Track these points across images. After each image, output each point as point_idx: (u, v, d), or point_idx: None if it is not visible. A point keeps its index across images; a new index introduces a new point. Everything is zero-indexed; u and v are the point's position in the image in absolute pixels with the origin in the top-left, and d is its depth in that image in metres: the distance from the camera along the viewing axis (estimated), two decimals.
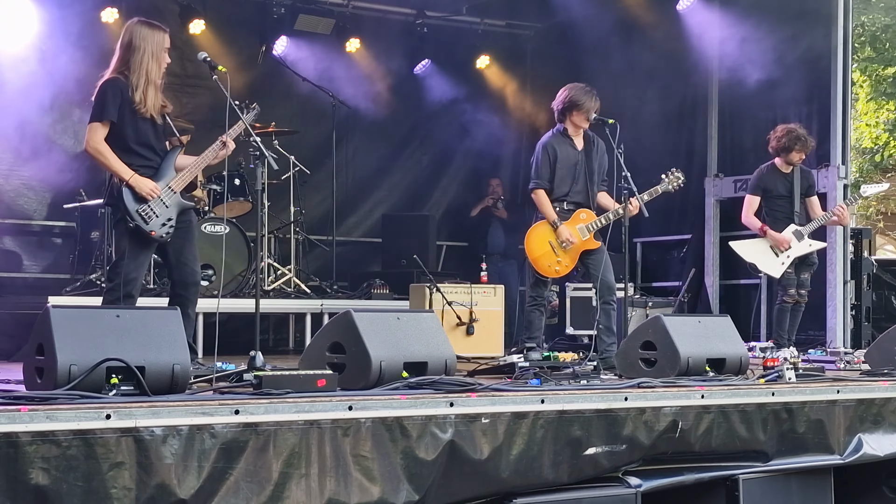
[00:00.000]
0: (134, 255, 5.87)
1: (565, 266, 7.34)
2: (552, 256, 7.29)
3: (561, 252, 7.27)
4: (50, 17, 9.93)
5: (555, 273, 7.38)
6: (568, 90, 7.39)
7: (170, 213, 5.91)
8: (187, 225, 6.04)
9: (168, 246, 5.99)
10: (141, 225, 5.81)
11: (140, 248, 5.90)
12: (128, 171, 5.83)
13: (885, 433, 6.02)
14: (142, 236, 5.85)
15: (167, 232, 5.89)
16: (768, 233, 8.58)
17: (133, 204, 5.81)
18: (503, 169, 12.34)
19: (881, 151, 19.93)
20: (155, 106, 5.91)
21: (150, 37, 5.91)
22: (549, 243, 7.29)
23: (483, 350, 8.53)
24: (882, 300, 10.96)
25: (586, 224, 7.30)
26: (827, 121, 9.96)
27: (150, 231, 5.82)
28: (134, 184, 5.81)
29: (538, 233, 7.35)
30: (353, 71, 11.40)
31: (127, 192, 5.82)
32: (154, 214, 5.85)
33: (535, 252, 7.33)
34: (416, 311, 7.30)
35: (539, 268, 7.34)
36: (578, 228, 7.30)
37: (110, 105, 5.81)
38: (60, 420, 3.75)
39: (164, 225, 5.88)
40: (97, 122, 5.85)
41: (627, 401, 5.14)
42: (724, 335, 6.20)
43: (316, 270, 10.80)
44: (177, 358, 4.46)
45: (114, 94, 5.83)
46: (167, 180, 5.94)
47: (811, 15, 10.00)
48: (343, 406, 4.36)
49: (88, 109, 5.98)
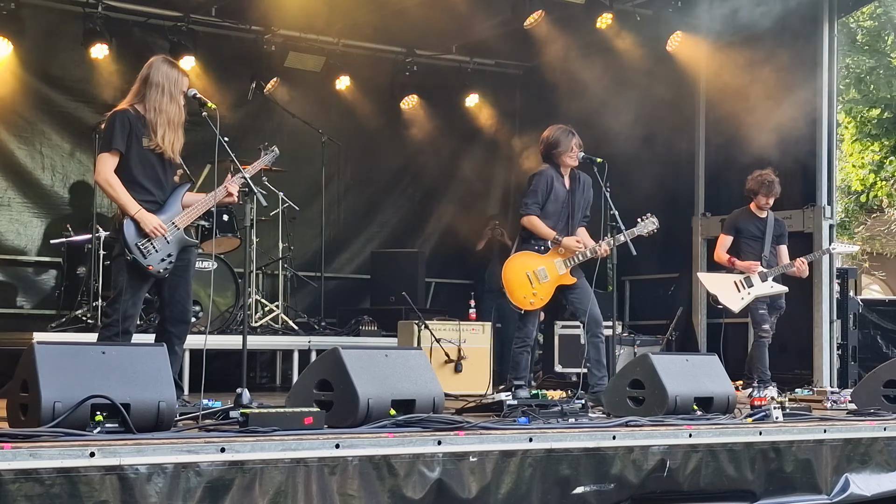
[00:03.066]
0: (132, 291, 5.83)
1: (540, 299, 7.33)
2: (528, 288, 7.30)
3: (538, 284, 7.28)
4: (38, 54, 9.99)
5: (529, 305, 7.36)
6: (549, 132, 7.44)
7: (170, 250, 5.87)
8: (186, 263, 6.00)
9: (164, 282, 5.95)
10: (139, 259, 5.76)
11: (139, 284, 5.86)
12: (135, 205, 5.79)
13: (873, 473, 6.01)
14: (139, 271, 5.80)
15: (165, 268, 5.84)
16: (736, 263, 8.79)
17: (134, 238, 5.77)
18: (491, 206, 12.37)
19: (867, 193, 20.07)
20: (174, 147, 5.89)
21: (169, 75, 5.90)
22: (527, 274, 7.29)
23: (471, 387, 8.50)
24: (868, 339, 10.99)
25: (564, 259, 7.32)
26: (813, 162, 10.03)
27: (148, 265, 5.77)
28: (140, 218, 5.78)
29: (516, 263, 7.37)
30: (342, 108, 11.45)
31: (129, 225, 5.78)
32: (154, 249, 5.81)
33: (512, 283, 7.33)
34: (404, 349, 7.30)
35: (515, 299, 7.34)
36: (556, 262, 7.32)
37: (118, 135, 5.80)
38: (44, 458, 3.71)
39: (164, 261, 5.84)
40: (106, 153, 5.84)
41: (616, 439, 5.12)
42: (711, 374, 6.20)
43: (305, 307, 10.79)
44: (162, 395, 4.43)
45: (122, 125, 5.82)
46: (171, 216, 5.91)
47: (797, 57, 10.10)
48: (330, 444, 4.34)
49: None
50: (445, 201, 12.35)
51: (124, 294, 5.80)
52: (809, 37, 10.10)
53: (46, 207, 10.21)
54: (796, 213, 9.94)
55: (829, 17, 10.12)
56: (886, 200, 20.68)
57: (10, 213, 10.03)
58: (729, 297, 8.77)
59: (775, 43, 10.14)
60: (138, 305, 5.96)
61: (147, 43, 10.35)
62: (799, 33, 10.11)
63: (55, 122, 10.26)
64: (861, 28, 19.71)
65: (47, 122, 10.23)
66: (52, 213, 10.20)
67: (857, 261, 20.81)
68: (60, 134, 10.27)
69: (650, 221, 7.50)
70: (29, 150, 10.15)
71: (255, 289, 9.68)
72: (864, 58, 19.50)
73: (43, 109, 10.19)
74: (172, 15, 10.49)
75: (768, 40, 10.10)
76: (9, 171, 10.06)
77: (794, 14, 9.96)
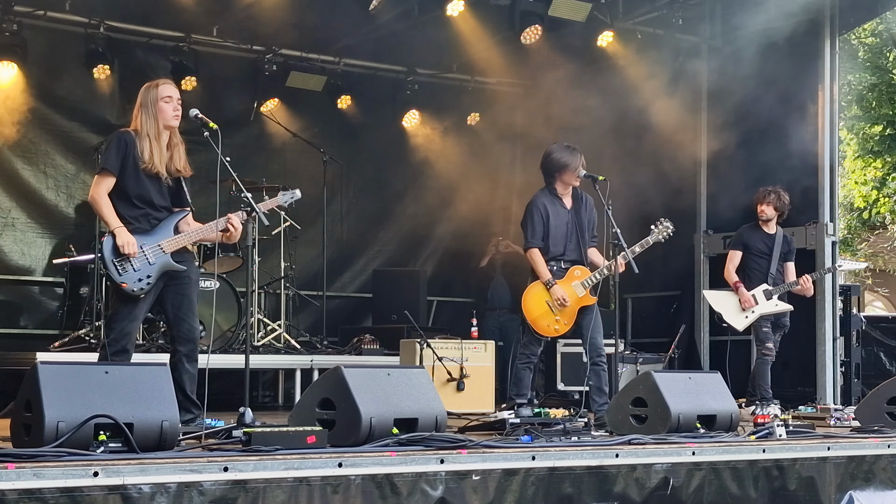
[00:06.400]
0: (127, 311, 5.85)
1: (564, 324, 7.31)
2: (551, 316, 7.27)
3: (559, 311, 7.25)
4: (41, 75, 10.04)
5: (554, 332, 7.36)
6: (550, 152, 7.42)
7: (150, 271, 5.85)
8: (186, 281, 6.01)
9: (166, 302, 5.97)
10: (113, 275, 5.78)
11: (132, 304, 5.87)
12: (116, 221, 5.84)
13: (876, 490, 5.99)
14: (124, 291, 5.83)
15: (140, 288, 5.82)
16: (739, 289, 8.76)
17: (110, 254, 5.81)
18: (493, 224, 12.38)
19: (869, 209, 20.07)
20: (161, 162, 5.90)
21: (146, 94, 5.97)
22: (547, 303, 7.27)
23: (474, 406, 8.49)
24: (871, 357, 10.98)
25: (581, 281, 7.30)
26: (815, 179, 10.04)
27: (122, 283, 5.78)
28: (116, 234, 5.82)
29: (534, 293, 7.33)
30: (344, 127, 11.48)
31: (108, 241, 5.84)
32: (132, 269, 5.80)
33: (534, 313, 7.30)
34: (406, 367, 7.30)
35: (539, 328, 7.32)
36: (574, 285, 7.30)
37: (112, 157, 5.87)
38: (47, 478, 3.71)
39: (140, 280, 5.82)
40: (98, 173, 5.94)
41: (618, 457, 5.11)
42: (714, 391, 6.19)
43: (307, 326, 10.79)
44: (165, 414, 4.43)
45: (118, 146, 5.88)
46: (160, 239, 5.93)
47: (799, 74, 10.12)
48: (333, 463, 4.34)
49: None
50: (447, 220, 12.35)
51: (119, 313, 5.86)
52: (811, 54, 10.13)
53: (51, 227, 10.23)
54: (799, 229, 9.94)
55: (831, 33, 10.16)
56: (889, 217, 20.68)
57: (14, 233, 10.05)
58: (733, 315, 8.77)
59: (777, 59, 10.17)
60: (135, 324, 5.98)
61: (149, 63, 10.40)
62: (801, 50, 10.14)
63: (59, 142, 10.29)
64: (863, 45, 19.75)
65: (51, 143, 10.26)
66: (56, 233, 10.22)
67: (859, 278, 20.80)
68: (64, 154, 10.30)
69: (664, 227, 7.49)
70: (33, 171, 10.18)
71: (257, 308, 9.68)
72: (865, 74, 19.54)
73: (47, 130, 10.23)
74: (174, 35, 10.53)
75: (770, 57, 10.13)
76: (14, 192, 10.09)
77: (796, 31, 10.00)
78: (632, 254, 7.14)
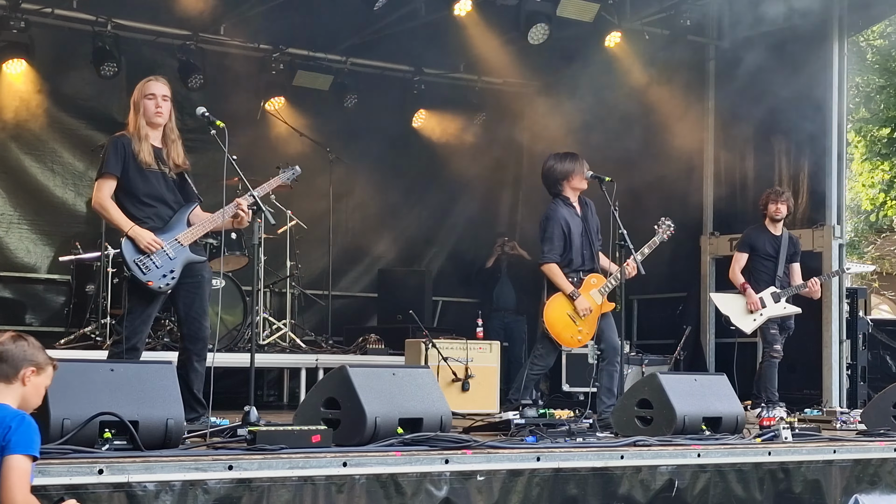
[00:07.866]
0: (140, 309, 5.85)
1: (586, 334, 7.27)
2: (573, 327, 7.24)
3: (580, 321, 7.21)
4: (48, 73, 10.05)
5: (577, 343, 7.34)
6: (551, 163, 7.37)
7: (173, 266, 5.86)
8: (199, 280, 6.00)
9: (178, 300, 5.96)
10: (137, 275, 5.77)
11: (145, 302, 5.86)
12: (128, 223, 5.83)
13: (882, 494, 5.98)
14: (142, 289, 5.80)
15: (167, 284, 5.83)
16: (747, 291, 8.71)
17: (131, 254, 5.79)
18: (499, 225, 12.38)
19: (877, 212, 20.03)
20: (158, 158, 5.91)
21: (136, 92, 5.98)
22: (568, 315, 7.23)
23: (478, 406, 8.49)
24: (877, 360, 10.94)
25: (598, 288, 7.27)
26: (822, 181, 10.02)
27: (148, 281, 5.78)
28: (133, 235, 5.80)
29: (555, 306, 7.25)
30: (350, 127, 11.49)
31: (127, 243, 5.81)
32: (154, 266, 5.80)
33: (557, 326, 7.24)
34: (411, 367, 7.29)
35: (563, 341, 7.29)
36: (592, 294, 7.26)
37: (112, 160, 5.85)
38: (52, 475, 3.72)
39: (165, 276, 5.83)
40: (100, 178, 5.91)
41: (623, 459, 5.11)
42: (720, 393, 6.18)
43: (313, 325, 10.79)
44: (171, 412, 4.44)
45: (115, 149, 5.87)
46: (176, 233, 5.92)
47: (807, 75, 10.10)
48: (337, 462, 4.34)
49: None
50: (453, 220, 12.35)
51: (132, 311, 5.83)
52: (819, 56, 10.10)
53: (57, 225, 10.25)
54: (806, 232, 9.92)
55: (840, 35, 10.13)
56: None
57: (20, 231, 10.07)
58: (741, 318, 8.72)
59: (785, 61, 10.15)
60: (147, 323, 5.97)
61: (156, 62, 10.40)
62: (809, 52, 10.12)
63: (66, 140, 10.32)
64: (871, 47, 19.72)
65: (58, 141, 10.29)
66: (62, 230, 10.24)
67: (866, 280, 20.75)
68: (72, 152, 10.32)
69: (666, 226, 7.49)
70: (41, 168, 10.21)
71: (262, 307, 9.68)
72: (874, 76, 19.50)
73: (54, 127, 10.25)
74: (181, 34, 10.54)
75: (778, 59, 10.11)
76: (21, 189, 10.12)
77: (804, 32, 9.98)
78: (641, 256, 7.12)
